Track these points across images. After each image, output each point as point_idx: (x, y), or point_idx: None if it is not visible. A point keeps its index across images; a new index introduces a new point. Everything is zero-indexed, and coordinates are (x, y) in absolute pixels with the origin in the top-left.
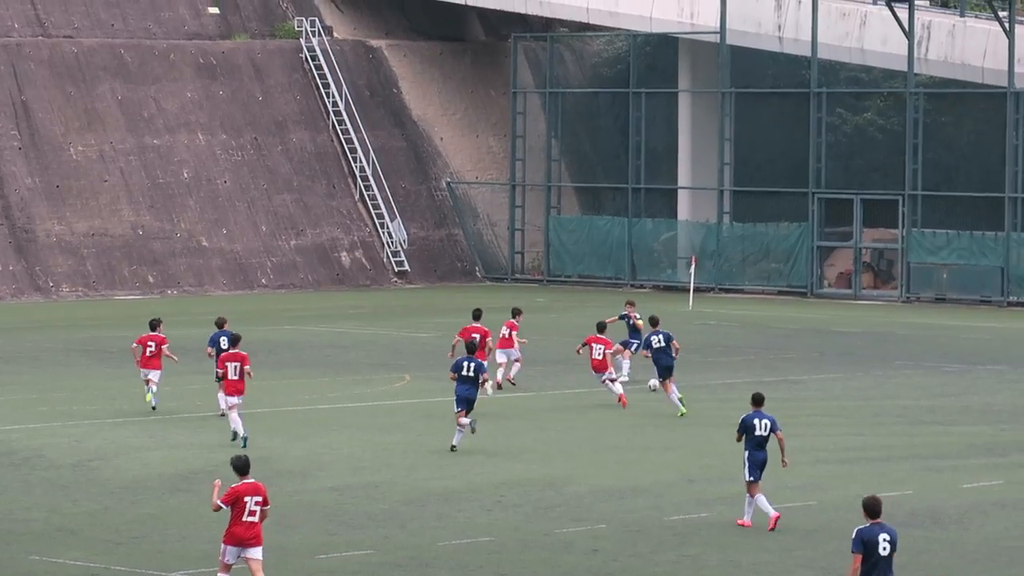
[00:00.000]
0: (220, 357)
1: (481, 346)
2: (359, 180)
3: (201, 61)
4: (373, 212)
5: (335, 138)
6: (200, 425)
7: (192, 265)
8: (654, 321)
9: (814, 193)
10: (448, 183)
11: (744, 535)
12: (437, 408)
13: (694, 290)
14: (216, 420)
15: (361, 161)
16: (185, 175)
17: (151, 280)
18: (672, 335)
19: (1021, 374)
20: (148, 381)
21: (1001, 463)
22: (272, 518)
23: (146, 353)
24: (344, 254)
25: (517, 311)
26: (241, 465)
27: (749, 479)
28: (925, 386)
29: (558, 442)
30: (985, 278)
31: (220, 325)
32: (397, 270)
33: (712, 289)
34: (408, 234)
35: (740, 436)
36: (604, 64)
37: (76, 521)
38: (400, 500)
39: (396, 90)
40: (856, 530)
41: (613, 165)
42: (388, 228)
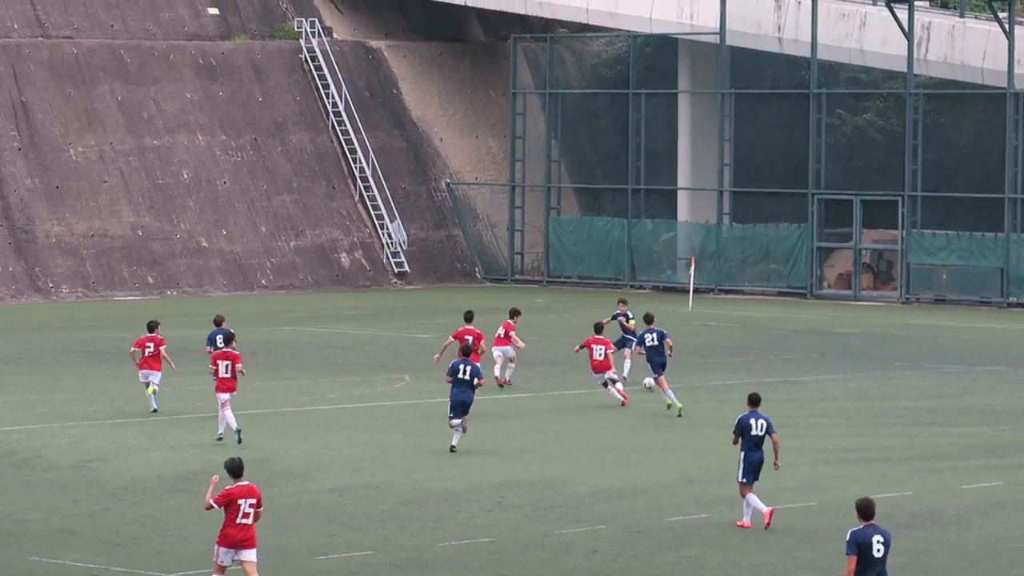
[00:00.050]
0: (213, 355)
1: (474, 348)
2: (359, 181)
3: (201, 62)
4: (373, 213)
5: (335, 139)
6: (200, 426)
7: (192, 266)
8: (649, 319)
9: (814, 194)
10: (448, 184)
11: (744, 536)
12: (437, 409)
13: (694, 291)
14: (216, 421)
15: (361, 162)
16: (185, 176)
17: (151, 281)
18: (666, 333)
19: (1021, 375)
20: (148, 384)
21: (1001, 464)
22: (272, 519)
23: (145, 354)
24: (344, 255)
25: (515, 312)
26: (234, 467)
27: (742, 480)
28: (925, 387)
29: (558, 443)
30: (985, 279)
31: (218, 323)
32: (397, 271)
33: (712, 290)
34: (408, 235)
35: (736, 437)
36: (604, 65)
37: (76, 522)
38: (400, 501)
39: (396, 91)
40: (850, 532)
41: (613, 166)
42: (388, 229)
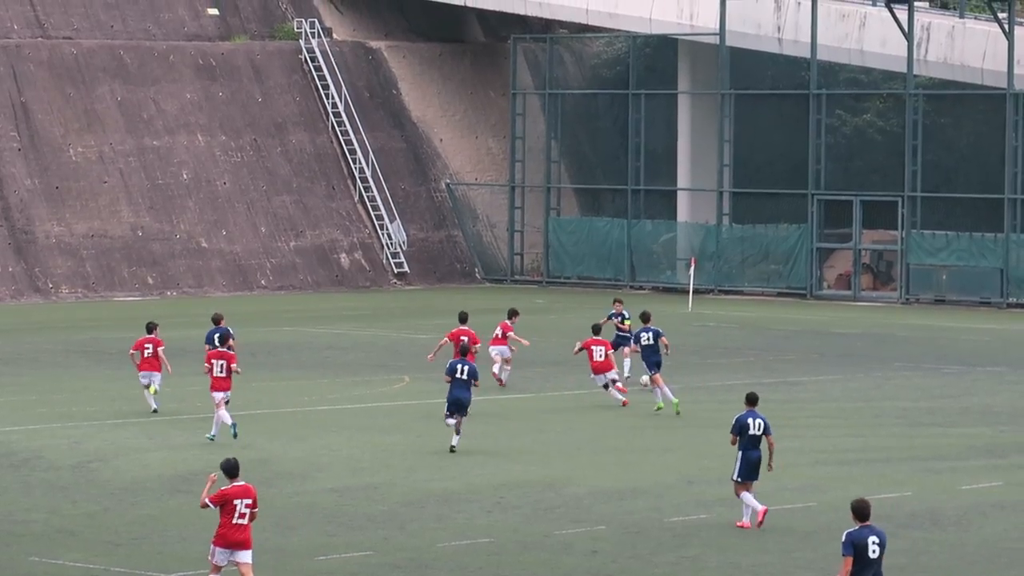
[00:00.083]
0: (207, 354)
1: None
2: (358, 181)
3: (200, 62)
4: (372, 213)
5: (334, 139)
6: (200, 427)
7: (191, 266)
8: (645, 317)
9: (813, 194)
10: (447, 184)
11: (743, 537)
12: (436, 409)
13: (693, 291)
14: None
15: (360, 162)
16: (184, 176)
17: (150, 281)
18: (661, 332)
19: (1020, 376)
20: (149, 384)
21: (1000, 464)
22: (271, 520)
23: (144, 355)
24: (343, 255)
25: (513, 312)
26: (230, 468)
27: (736, 479)
28: (924, 388)
29: (557, 443)
30: (984, 280)
31: (217, 321)
32: (396, 271)
33: (711, 291)
34: (407, 235)
35: (735, 437)
36: (603, 65)
37: (75, 522)
38: (399, 501)
39: (395, 91)
40: (845, 533)
41: (612, 166)
42: (387, 229)
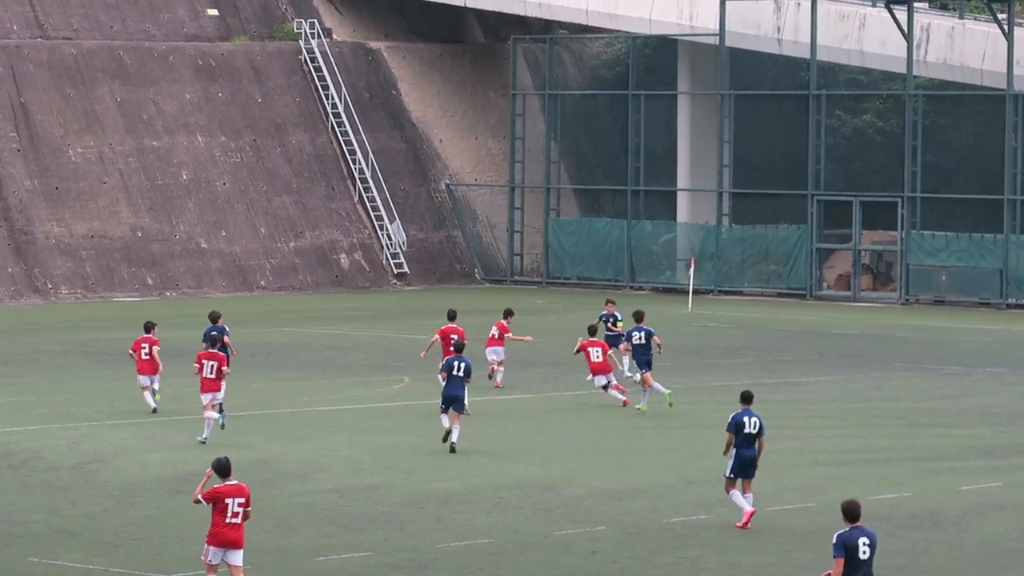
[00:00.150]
0: (198, 355)
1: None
2: (358, 182)
3: (200, 63)
4: (372, 214)
5: (334, 140)
6: (199, 427)
7: (191, 267)
8: (638, 317)
9: (813, 195)
10: (447, 185)
11: (743, 537)
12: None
13: (693, 292)
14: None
15: (360, 163)
16: (184, 177)
17: (150, 282)
18: (654, 331)
19: (1020, 376)
20: (145, 388)
21: (1000, 465)
22: (271, 520)
23: (141, 356)
24: (343, 256)
25: (509, 312)
26: (222, 468)
27: (729, 476)
28: (924, 388)
29: (557, 444)
30: (984, 280)
31: (214, 320)
32: (396, 272)
33: (711, 291)
34: (407, 236)
35: (732, 435)
36: (603, 66)
37: (75, 523)
38: (399, 502)
39: (395, 92)
40: (836, 535)
41: (612, 167)
42: (387, 230)
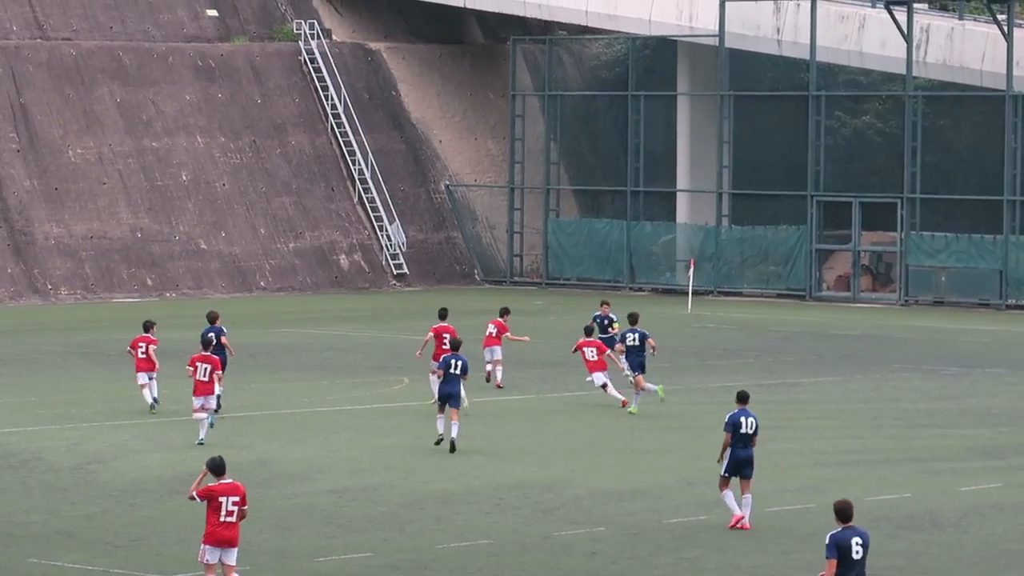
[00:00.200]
0: (192, 358)
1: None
2: (358, 183)
3: (200, 64)
4: (372, 215)
5: (334, 141)
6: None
7: (191, 268)
8: (633, 319)
9: (813, 196)
10: (447, 186)
11: (743, 538)
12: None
13: (693, 293)
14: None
15: (360, 164)
16: (184, 178)
17: (150, 283)
18: (648, 333)
19: (1019, 377)
20: (143, 385)
21: (999, 466)
22: (270, 521)
23: (138, 355)
24: (343, 257)
25: (505, 311)
26: (216, 467)
27: (724, 474)
28: (923, 389)
29: (557, 444)
30: (983, 281)
31: (212, 320)
32: (396, 273)
33: (711, 292)
34: (407, 237)
35: (730, 435)
36: (603, 67)
37: (74, 524)
38: (399, 503)
39: (395, 93)
40: (829, 535)
41: (612, 168)
42: (387, 231)
